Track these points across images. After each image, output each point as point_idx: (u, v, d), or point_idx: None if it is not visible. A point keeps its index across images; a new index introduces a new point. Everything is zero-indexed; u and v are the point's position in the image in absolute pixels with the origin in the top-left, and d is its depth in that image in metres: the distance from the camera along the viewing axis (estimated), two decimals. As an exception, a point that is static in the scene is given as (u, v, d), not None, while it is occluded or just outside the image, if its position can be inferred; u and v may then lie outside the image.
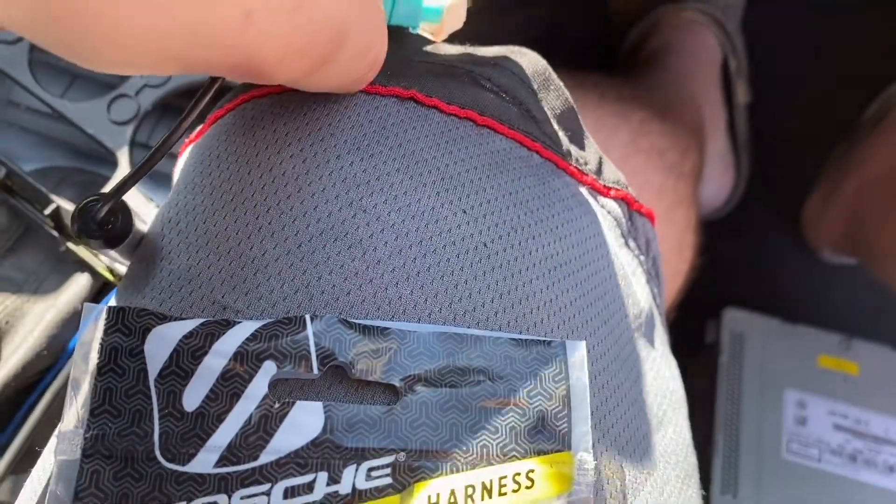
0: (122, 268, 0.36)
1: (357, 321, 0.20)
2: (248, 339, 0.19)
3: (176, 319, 0.20)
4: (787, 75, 0.74)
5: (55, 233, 0.38)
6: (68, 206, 0.38)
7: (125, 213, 0.23)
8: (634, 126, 0.43)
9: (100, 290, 0.36)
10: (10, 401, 0.35)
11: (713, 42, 0.68)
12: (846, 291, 0.71)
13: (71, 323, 0.36)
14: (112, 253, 0.23)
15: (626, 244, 0.28)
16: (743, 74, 0.70)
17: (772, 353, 0.63)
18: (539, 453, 0.19)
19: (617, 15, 0.73)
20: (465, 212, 0.23)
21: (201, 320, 0.20)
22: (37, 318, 0.37)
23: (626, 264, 0.27)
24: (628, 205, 0.28)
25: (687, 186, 0.46)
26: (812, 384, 0.62)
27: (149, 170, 0.22)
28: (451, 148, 0.24)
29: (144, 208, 0.38)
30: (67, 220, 0.38)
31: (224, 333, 0.19)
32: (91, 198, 0.22)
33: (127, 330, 0.19)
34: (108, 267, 0.37)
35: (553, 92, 0.26)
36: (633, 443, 0.23)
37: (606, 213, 0.27)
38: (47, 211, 0.37)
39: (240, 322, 0.20)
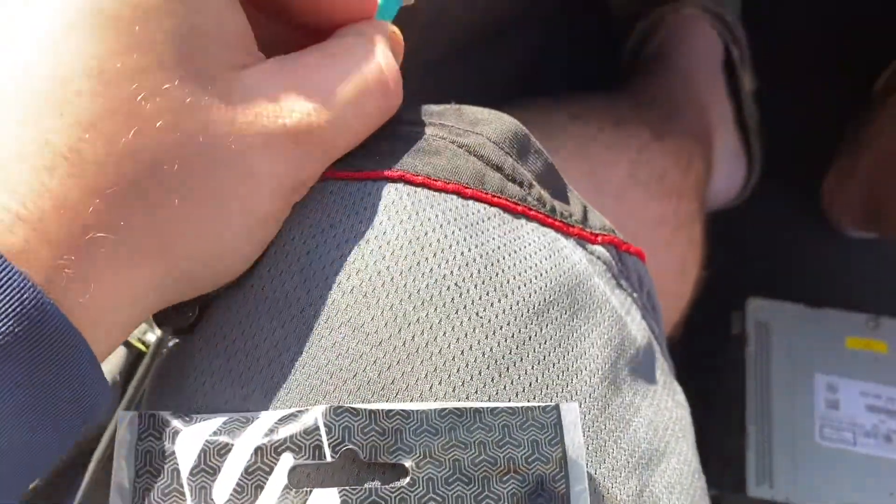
0: (152, 337, 0.38)
1: (362, 406, 0.22)
2: (266, 433, 0.21)
3: (201, 420, 0.22)
4: (791, 55, 0.74)
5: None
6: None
7: (202, 307, 0.25)
8: (633, 156, 0.44)
9: (134, 360, 0.38)
10: (63, 472, 0.37)
11: (713, 35, 0.68)
12: (869, 270, 0.71)
13: (110, 393, 0.39)
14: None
15: (619, 284, 0.29)
16: (746, 62, 0.70)
17: (799, 339, 0.64)
18: None
19: (618, 18, 0.73)
20: (457, 285, 0.24)
21: (223, 418, 0.22)
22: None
23: (619, 306, 0.28)
24: (616, 247, 0.30)
25: (690, 204, 0.47)
26: (841, 367, 0.63)
27: None
28: (442, 220, 0.25)
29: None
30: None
31: (244, 430, 0.21)
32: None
33: (158, 434, 0.21)
34: (139, 339, 0.39)
35: (533, 155, 0.28)
36: (633, 482, 0.25)
37: (596, 258, 0.28)
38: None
39: (257, 417, 0.22)
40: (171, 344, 0.26)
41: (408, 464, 0.21)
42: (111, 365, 0.38)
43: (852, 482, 0.58)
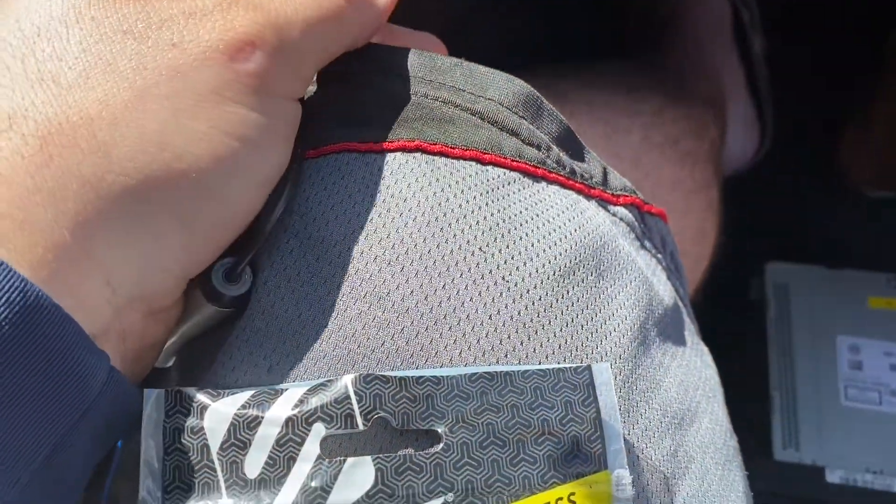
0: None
1: (392, 374, 0.21)
2: (295, 404, 0.21)
3: (229, 394, 0.21)
4: (802, 15, 0.73)
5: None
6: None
7: (249, 278, 0.24)
8: (647, 120, 0.43)
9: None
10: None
11: None
12: (888, 228, 0.70)
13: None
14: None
15: (643, 245, 0.29)
16: (756, 25, 0.69)
17: (819, 302, 0.63)
18: (577, 477, 0.21)
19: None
20: (482, 250, 0.24)
21: (251, 392, 0.21)
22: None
23: (645, 266, 0.28)
24: (638, 208, 0.29)
25: (705, 168, 0.46)
26: (864, 327, 0.62)
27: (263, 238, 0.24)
28: (462, 186, 0.25)
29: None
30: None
31: (273, 402, 0.21)
32: (226, 260, 0.23)
33: (186, 410, 0.21)
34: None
35: (547, 117, 0.27)
36: (667, 441, 0.25)
37: (619, 220, 0.28)
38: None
39: (286, 389, 0.21)
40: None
41: (440, 429, 0.21)
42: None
43: (879, 442, 0.57)
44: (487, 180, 0.25)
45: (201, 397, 0.21)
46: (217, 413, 0.21)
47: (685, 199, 0.43)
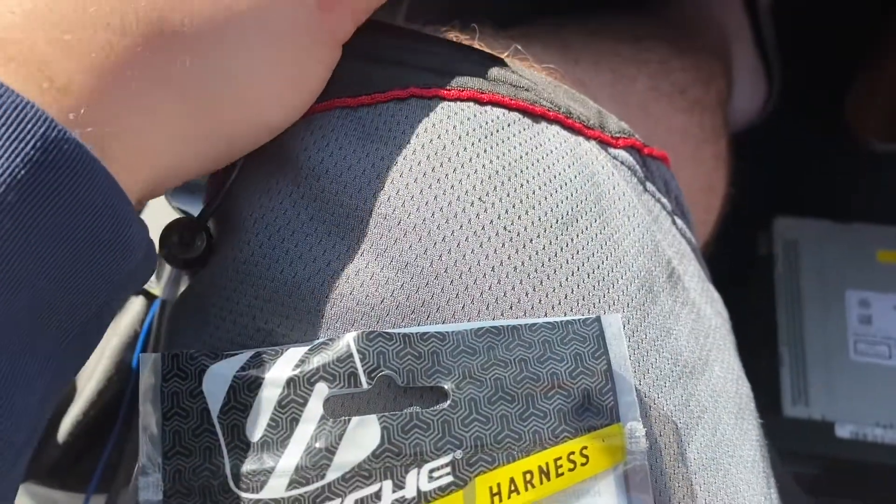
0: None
1: (395, 331, 0.21)
2: (296, 364, 0.20)
3: (227, 356, 0.21)
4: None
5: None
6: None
7: (209, 238, 0.24)
8: (654, 69, 0.42)
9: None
10: (92, 427, 0.37)
11: None
12: (896, 180, 0.69)
13: (133, 346, 0.38)
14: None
15: (645, 189, 0.28)
16: (761, -26, 0.67)
17: (828, 256, 0.62)
18: (589, 430, 0.20)
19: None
20: (481, 200, 0.23)
21: (250, 353, 0.21)
22: (102, 345, 0.38)
23: (649, 210, 0.27)
24: (638, 151, 0.28)
25: (714, 118, 0.45)
26: (873, 281, 0.61)
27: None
28: (460, 131, 0.24)
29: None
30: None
31: (274, 363, 0.20)
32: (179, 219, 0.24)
33: (183, 374, 0.20)
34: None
35: (532, 65, 0.27)
36: (678, 391, 0.24)
37: (619, 163, 0.27)
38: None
39: (286, 349, 0.21)
40: (182, 288, 0.25)
41: (447, 386, 0.20)
42: (132, 318, 0.38)
43: (889, 396, 0.57)
44: (486, 123, 0.24)
45: (199, 360, 0.21)
46: (216, 376, 0.20)
47: (696, 149, 0.42)
